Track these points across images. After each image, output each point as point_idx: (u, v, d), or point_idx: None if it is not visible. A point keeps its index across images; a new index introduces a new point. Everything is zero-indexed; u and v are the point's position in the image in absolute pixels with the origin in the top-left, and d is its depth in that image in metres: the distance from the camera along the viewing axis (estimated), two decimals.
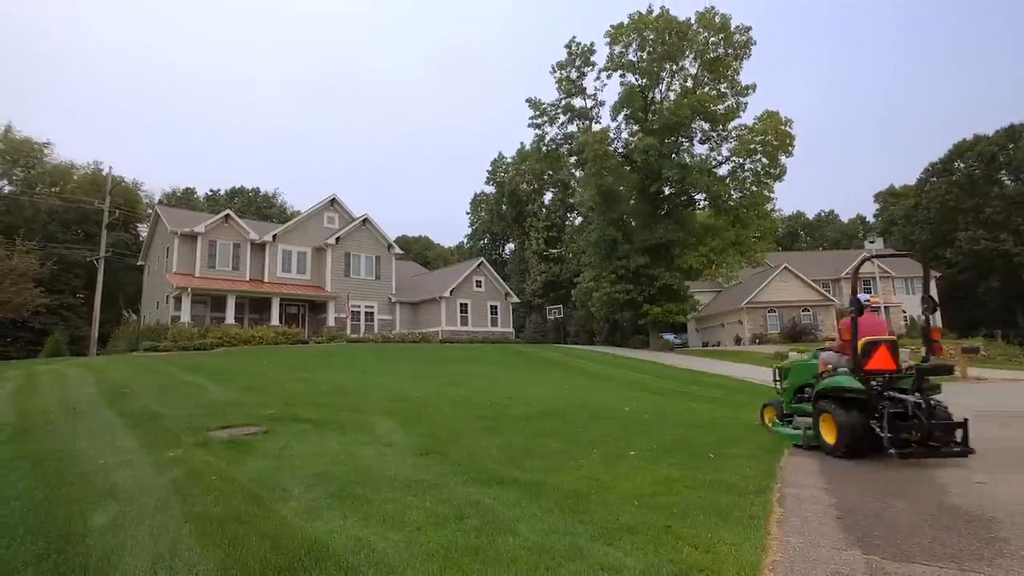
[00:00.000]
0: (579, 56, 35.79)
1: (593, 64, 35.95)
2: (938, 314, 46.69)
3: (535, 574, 2.83)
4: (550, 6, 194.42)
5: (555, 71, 36.31)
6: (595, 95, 36.67)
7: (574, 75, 36.15)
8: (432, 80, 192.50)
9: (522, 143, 61.10)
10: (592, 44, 35.88)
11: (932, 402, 5.39)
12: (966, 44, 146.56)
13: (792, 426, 6.63)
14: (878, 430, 5.26)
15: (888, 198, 70.44)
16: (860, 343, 5.61)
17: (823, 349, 6.99)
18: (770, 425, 7.35)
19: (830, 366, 6.28)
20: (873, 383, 5.58)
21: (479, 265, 38.25)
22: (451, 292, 34.75)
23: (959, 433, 5.27)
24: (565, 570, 2.87)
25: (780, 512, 3.96)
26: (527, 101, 36.78)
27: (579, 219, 53.40)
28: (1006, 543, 3.33)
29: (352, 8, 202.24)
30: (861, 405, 5.47)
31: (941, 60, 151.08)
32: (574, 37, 36.01)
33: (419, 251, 71.70)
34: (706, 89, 34.04)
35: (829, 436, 5.70)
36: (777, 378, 7.87)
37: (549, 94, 68.12)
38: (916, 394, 5.35)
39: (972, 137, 55.57)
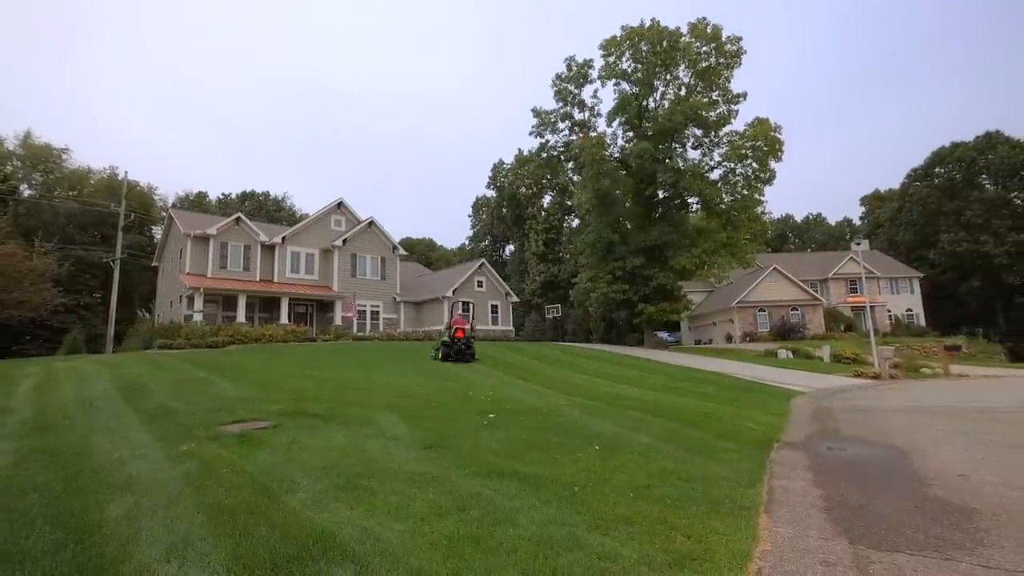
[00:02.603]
0: (578, 73, 36.21)
1: (591, 80, 36.44)
2: (923, 314, 47.06)
3: (534, 563, 2.93)
4: (554, 15, 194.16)
5: (555, 83, 36.75)
6: (593, 107, 37.20)
7: (573, 88, 36.55)
8: (434, 83, 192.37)
9: (520, 149, 61.19)
10: (590, 60, 36.41)
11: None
12: (953, 50, 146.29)
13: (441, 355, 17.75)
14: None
15: (873, 201, 70.60)
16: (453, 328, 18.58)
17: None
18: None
19: (446, 337, 18.59)
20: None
21: (480, 266, 38.42)
22: (453, 292, 34.84)
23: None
24: (563, 559, 2.98)
25: (770, 504, 4.08)
26: (532, 111, 37.45)
27: (577, 221, 53.50)
28: (986, 533, 3.46)
29: (359, 17, 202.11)
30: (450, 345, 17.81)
31: (930, 63, 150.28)
32: (573, 56, 36.68)
33: (422, 252, 71.89)
34: (699, 97, 34.20)
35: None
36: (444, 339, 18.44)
37: (548, 102, 68.30)
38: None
39: (950, 144, 56.19)
